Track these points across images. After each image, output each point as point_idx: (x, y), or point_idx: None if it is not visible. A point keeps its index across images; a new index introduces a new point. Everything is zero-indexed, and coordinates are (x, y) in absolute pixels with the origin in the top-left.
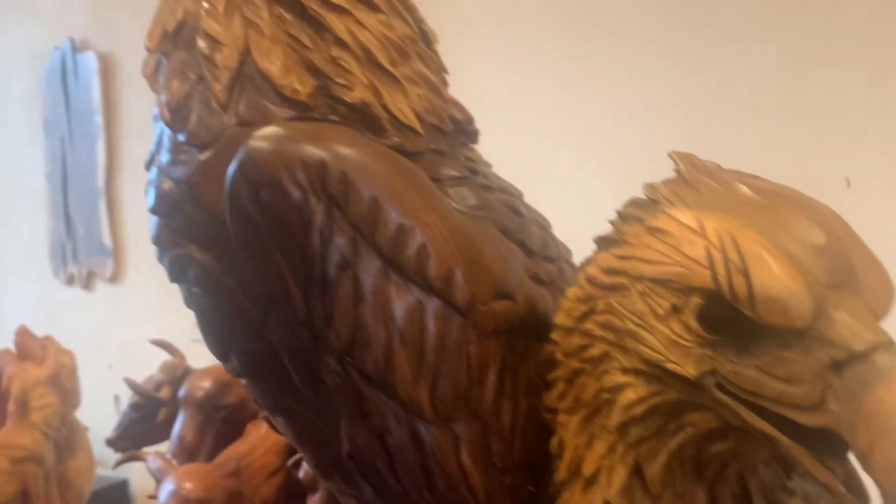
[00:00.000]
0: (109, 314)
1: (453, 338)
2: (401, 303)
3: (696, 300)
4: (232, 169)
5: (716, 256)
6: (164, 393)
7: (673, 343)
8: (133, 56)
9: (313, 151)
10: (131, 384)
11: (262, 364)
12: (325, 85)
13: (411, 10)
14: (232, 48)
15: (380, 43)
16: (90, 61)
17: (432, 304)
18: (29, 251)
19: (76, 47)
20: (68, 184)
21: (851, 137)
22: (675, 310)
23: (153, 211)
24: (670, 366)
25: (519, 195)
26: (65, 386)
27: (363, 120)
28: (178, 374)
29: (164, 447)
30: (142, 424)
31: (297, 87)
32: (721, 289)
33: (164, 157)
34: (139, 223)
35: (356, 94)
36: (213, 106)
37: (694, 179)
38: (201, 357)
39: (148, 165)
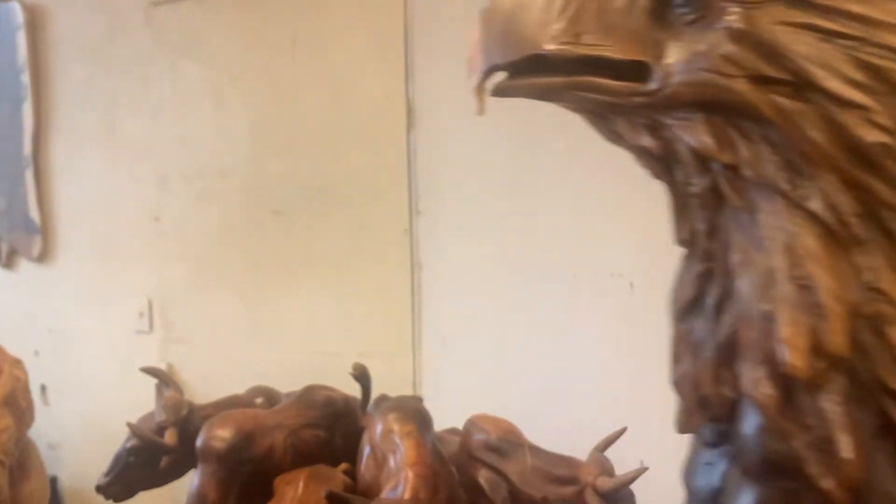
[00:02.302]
0: (36, 297)
1: None
2: None
3: None
4: None
5: None
6: (170, 438)
7: None
8: (66, 10)
9: None
10: (134, 429)
11: None
12: None
13: None
14: None
15: None
16: (15, 13)
17: None
18: None
19: None
20: None
21: None
22: None
23: None
24: None
25: None
26: (20, 405)
27: None
28: (182, 413)
29: (160, 492)
30: (139, 470)
31: None
32: None
33: None
34: (72, 198)
35: None
36: None
37: None
38: (148, 351)
39: None
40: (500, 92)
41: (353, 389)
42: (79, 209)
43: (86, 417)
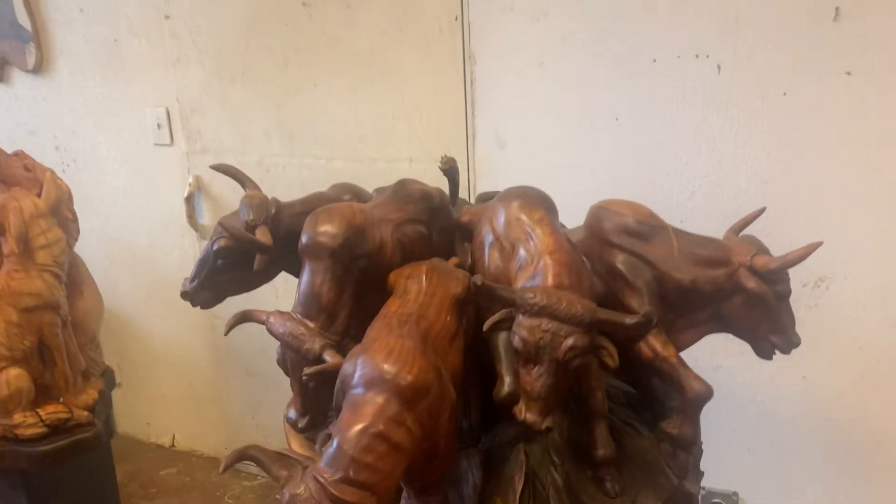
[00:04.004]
0: (37, 112)
1: None
2: None
3: None
4: None
5: None
6: (263, 236)
7: None
8: None
9: None
10: (227, 227)
11: None
12: None
13: None
14: None
15: None
16: None
17: None
18: None
19: None
20: None
21: None
22: None
23: None
24: None
25: None
26: (66, 215)
27: None
28: (271, 211)
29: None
30: (229, 273)
31: None
32: None
33: None
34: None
35: None
36: None
37: None
38: (170, 164)
39: None
40: None
41: None
42: (73, 10)
43: (103, 234)
